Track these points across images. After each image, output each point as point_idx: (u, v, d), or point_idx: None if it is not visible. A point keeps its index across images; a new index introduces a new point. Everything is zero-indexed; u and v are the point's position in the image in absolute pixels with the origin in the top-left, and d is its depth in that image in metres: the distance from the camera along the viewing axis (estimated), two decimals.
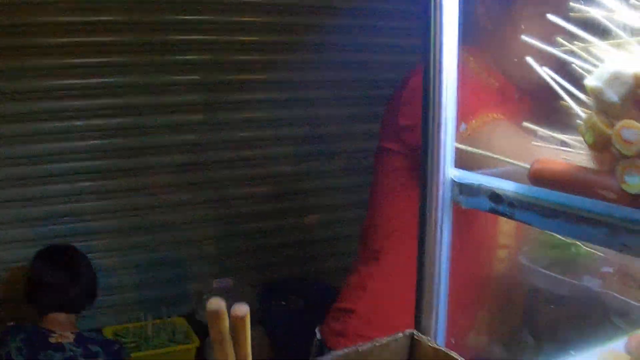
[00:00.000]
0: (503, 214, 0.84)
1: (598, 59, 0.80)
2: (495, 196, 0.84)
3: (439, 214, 0.92)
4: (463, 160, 0.93)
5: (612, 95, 0.73)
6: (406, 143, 1.48)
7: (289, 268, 3.25)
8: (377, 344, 0.96)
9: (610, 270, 1.25)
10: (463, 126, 0.93)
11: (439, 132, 0.90)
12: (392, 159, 1.55)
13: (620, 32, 0.78)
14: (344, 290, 1.68)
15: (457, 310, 1.05)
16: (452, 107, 0.89)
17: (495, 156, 0.89)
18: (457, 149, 0.91)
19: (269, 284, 3.16)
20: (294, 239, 3.27)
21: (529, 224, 0.81)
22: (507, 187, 0.83)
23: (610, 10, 0.79)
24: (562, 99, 0.84)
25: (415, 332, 0.93)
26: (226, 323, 0.56)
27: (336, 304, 1.69)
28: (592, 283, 1.20)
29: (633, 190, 0.71)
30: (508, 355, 1.20)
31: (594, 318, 1.17)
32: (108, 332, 2.78)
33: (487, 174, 0.87)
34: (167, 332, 2.90)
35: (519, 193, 0.82)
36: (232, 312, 0.56)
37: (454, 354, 0.89)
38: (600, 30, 0.81)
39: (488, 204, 0.85)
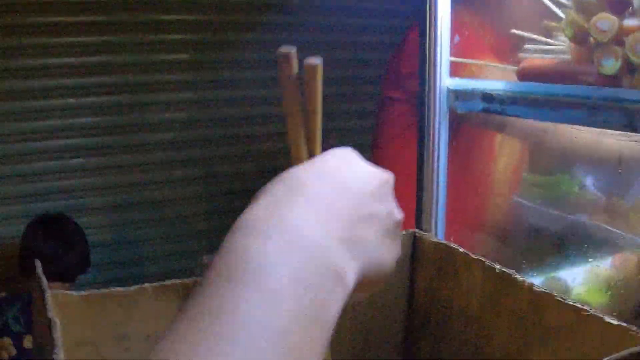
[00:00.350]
0: (495, 112, 0.95)
1: None
2: (487, 96, 0.95)
3: (437, 121, 1.03)
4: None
5: None
6: (408, 89, 1.60)
7: None
8: None
9: (598, 205, 1.38)
10: (457, 38, 1.04)
11: (434, 44, 1.01)
12: (395, 106, 1.67)
13: None
14: None
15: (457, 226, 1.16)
16: (446, 21, 1.00)
17: (488, 64, 1.00)
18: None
19: None
20: None
21: (519, 117, 0.92)
22: (497, 86, 0.95)
23: None
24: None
25: (416, 230, 1.04)
26: (295, 69, 0.52)
27: None
28: (582, 217, 1.33)
29: (609, 72, 0.82)
30: (505, 254, 1.31)
31: (582, 244, 1.28)
32: None
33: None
34: None
35: (508, 90, 0.93)
36: (305, 62, 0.52)
37: (453, 245, 0.99)
38: None
39: (481, 104, 0.97)
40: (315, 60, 0.52)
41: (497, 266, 0.93)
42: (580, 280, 1.21)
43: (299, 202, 0.44)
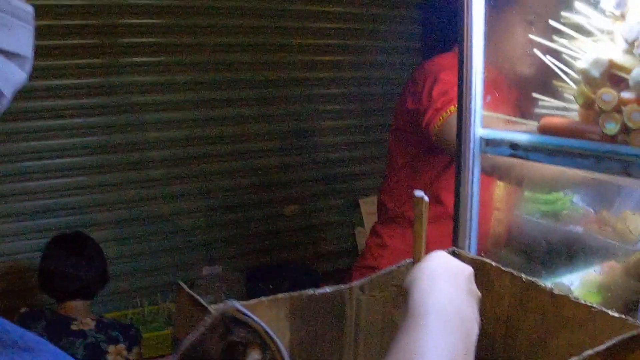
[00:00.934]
0: (520, 157, 1.27)
1: (581, 50, 1.24)
2: (514, 145, 1.27)
3: (471, 162, 1.34)
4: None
5: (595, 73, 1.17)
6: (413, 123, 1.91)
7: (272, 254, 3.64)
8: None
9: (590, 218, 1.71)
10: (488, 98, 1.35)
11: (469, 102, 1.32)
12: (403, 137, 1.98)
13: (597, 32, 1.23)
14: (366, 251, 2.09)
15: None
16: (479, 85, 1.32)
17: (512, 119, 1.32)
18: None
19: (255, 269, 3.52)
20: (277, 227, 3.66)
21: (540, 162, 1.24)
22: (522, 137, 1.26)
23: (588, 17, 1.24)
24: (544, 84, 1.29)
25: (455, 248, 1.35)
26: (426, 207, 0.93)
27: (359, 263, 2.10)
28: (576, 228, 1.66)
29: (610, 133, 1.14)
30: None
31: (577, 253, 1.61)
32: None
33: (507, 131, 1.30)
34: (163, 317, 3.22)
35: (532, 141, 1.25)
36: (415, 196, 0.94)
37: (487, 260, 1.30)
38: (582, 30, 1.25)
39: (508, 151, 1.28)
40: (425, 198, 0.93)
41: (524, 276, 1.25)
42: (577, 284, 1.54)
43: (440, 284, 0.84)
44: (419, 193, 0.90)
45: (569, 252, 1.60)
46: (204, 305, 1.05)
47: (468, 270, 0.94)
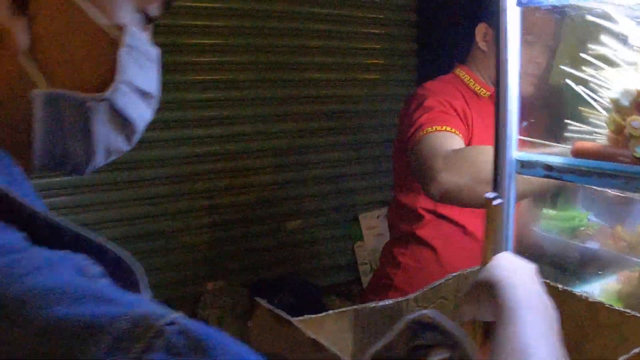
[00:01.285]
0: (554, 178, 1.40)
1: (608, 80, 1.39)
2: (548, 167, 1.41)
3: (507, 183, 1.47)
4: None
5: (625, 102, 1.31)
6: (404, 145, 2.03)
7: (275, 269, 3.75)
8: (460, 275, 1.51)
9: (607, 234, 1.86)
10: (524, 123, 1.49)
11: (505, 127, 1.46)
12: (402, 157, 2.10)
13: (623, 63, 1.37)
14: (380, 268, 2.21)
15: None
16: (515, 109, 1.45)
17: (545, 142, 1.46)
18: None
19: (258, 284, 3.63)
20: (278, 242, 3.77)
21: (573, 182, 1.38)
22: (556, 160, 1.40)
23: (614, 49, 1.38)
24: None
25: None
26: (498, 211, 1.10)
27: (374, 280, 2.22)
28: (593, 244, 1.81)
29: None
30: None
31: (596, 266, 1.76)
32: None
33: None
34: None
35: (565, 163, 1.38)
36: (489, 201, 1.07)
37: None
38: (609, 61, 1.40)
39: (543, 172, 1.42)
40: (496, 201, 1.00)
41: (560, 285, 1.39)
42: (598, 292, 1.68)
43: (522, 279, 0.99)
44: (490, 194, 1.00)
45: (589, 265, 1.75)
46: (285, 317, 1.16)
47: (532, 266, 1.10)
